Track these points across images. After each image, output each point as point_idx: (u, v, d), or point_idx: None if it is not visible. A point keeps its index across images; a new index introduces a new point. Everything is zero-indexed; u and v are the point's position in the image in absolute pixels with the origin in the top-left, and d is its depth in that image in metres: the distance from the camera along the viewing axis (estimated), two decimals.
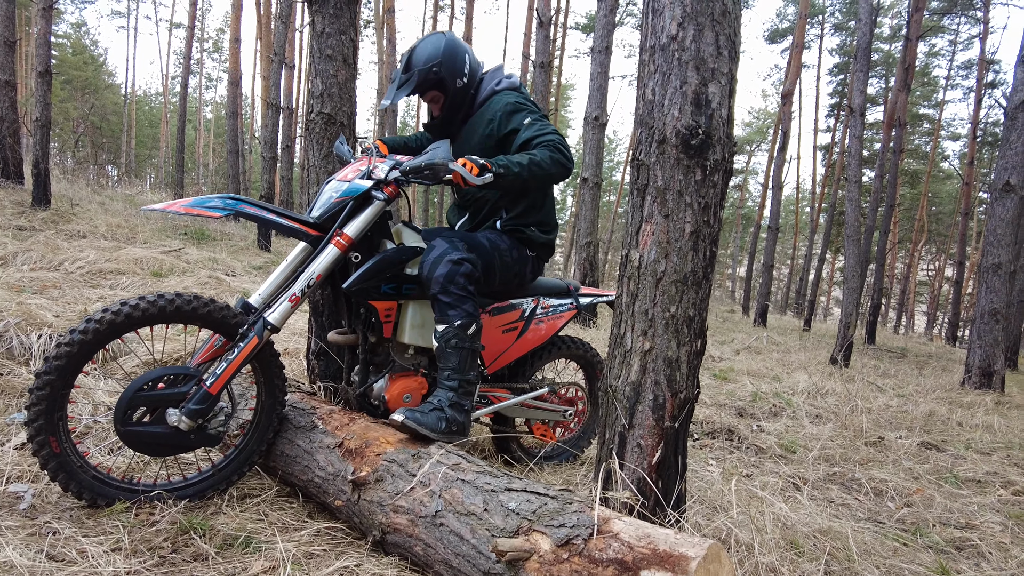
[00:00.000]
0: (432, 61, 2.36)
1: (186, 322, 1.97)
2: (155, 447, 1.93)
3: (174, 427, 1.91)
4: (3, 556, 1.53)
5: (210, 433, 2.00)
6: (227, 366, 1.96)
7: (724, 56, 1.64)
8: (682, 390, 1.68)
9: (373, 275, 2.17)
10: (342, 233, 2.13)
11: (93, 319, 1.81)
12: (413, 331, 2.33)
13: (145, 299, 1.87)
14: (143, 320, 1.87)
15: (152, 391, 1.90)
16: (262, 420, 2.15)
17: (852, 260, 7.92)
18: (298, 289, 2.06)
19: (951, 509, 2.99)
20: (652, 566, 1.35)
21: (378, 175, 2.20)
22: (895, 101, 13.12)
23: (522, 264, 2.52)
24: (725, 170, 1.68)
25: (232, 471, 2.10)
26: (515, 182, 2.18)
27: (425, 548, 1.70)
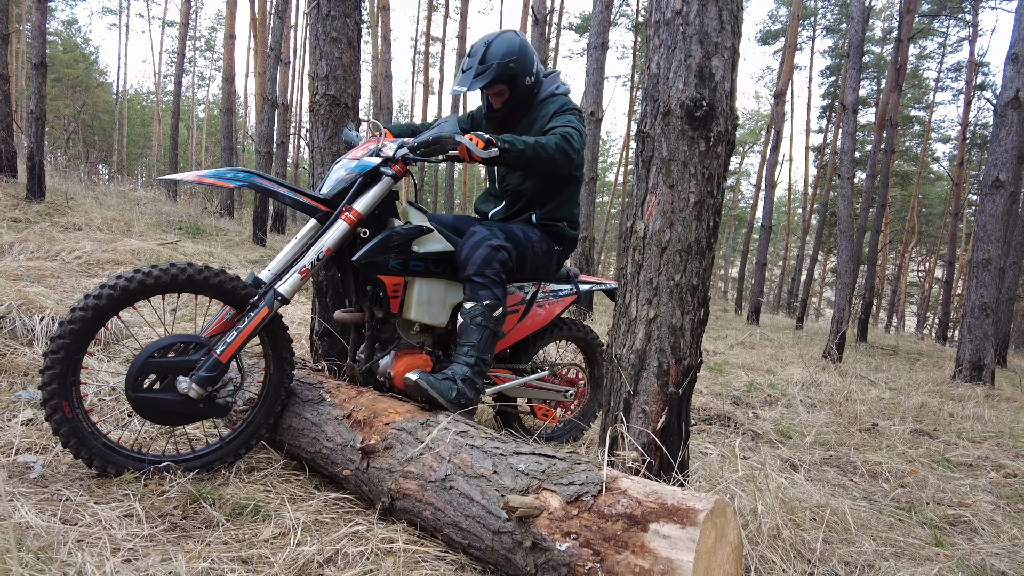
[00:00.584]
0: (509, 57, 2.46)
1: (197, 292, 1.97)
2: (164, 414, 1.95)
3: (184, 395, 1.92)
4: (20, 517, 1.55)
5: (219, 403, 2.02)
6: (237, 335, 1.97)
7: (727, 30, 1.68)
8: (686, 357, 1.72)
9: (382, 249, 2.22)
10: (351, 209, 2.17)
11: (107, 285, 1.82)
12: (419, 308, 2.36)
13: (157, 267, 1.89)
14: (155, 288, 1.89)
15: (163, 358, 1.92)
16: (270, 393, 2.17)
17: (845, 256, 8.00)
18: (308, 262, 2.10)
19: (944, 490, 3.04)
20: (661, 519, 1.39)
21: (386, 153, 2.25)
22: (886, 102, 13.26)
23: (550, 257, 2.63)
24: (728, 142, 1.72)
25: (240, 444, 2.12)
26: (519, 159, 2.23)
27: (435, 512, 1.73)
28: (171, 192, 15.35)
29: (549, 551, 1.47)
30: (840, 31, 25.29)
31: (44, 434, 2.15)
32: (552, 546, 1.47)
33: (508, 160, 2.22)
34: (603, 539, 1.42)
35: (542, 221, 2.62)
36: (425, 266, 2.36)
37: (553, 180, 2.58)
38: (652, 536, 1.38)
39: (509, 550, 1.55)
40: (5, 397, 2.46)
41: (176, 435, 2.29)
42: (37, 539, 1.43)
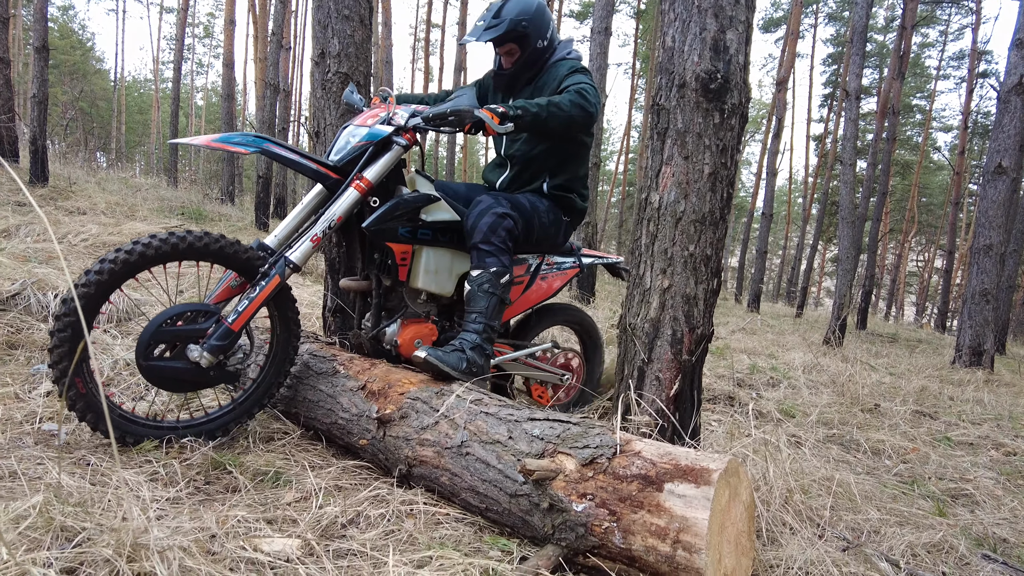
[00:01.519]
0: (524, 16, 2.45)
1: (200, 259, 1.96)
2: (175, 382, 1.96)
3: (195, 363, 1.94)
4: (51, 478, 1.59)
5: (229, 370, 2.04)
6: (249, 304, 1.99)
7: (742, 4, 1.71)
8: (699, 326, 1.75)
9: (391, 216, 2.24)
10: (362, 177, 2.18)
11: (107, 259, 1.82)
12: (426, 276, 2.38)
13: (157, 237, 1.88)
14: (159, 258, 1.88)
15: (173, 327, 1.93)
16: (279, 352, 2.18)
17: (847, 242, 8.03)
18: (319, 230, 2.12)
19: (945, 466, 3.09)
20: (675, 479, 1.43)
21: (398, 121, 2.25)
22: (888, 89, 13.24)
23: (557, 227, 2.61)
24: (741, 115, 1.75)
25: (252, 403, 2.14)
26: (534, 123, 2.20)
27: (451, 477, 1.77)
28: (171, 178, 15.33)
29: (566, 512, 1.51)
30: (842, 19, 25.18)
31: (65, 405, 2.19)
32: (569, 507, 1.51)
33: (524, 127, 2.20)
34: (619, 499, 1.46)
35: (553, 191, 2.60)
36: (433, 235, 2.38)
37: (561, 145, 2.55)
38: (667, 495, 1.42)
39: (526, 512, 1.59)
40: (24, 370, 2.50)
41: (189, 402, 2.31)
42: (71, 497, 1.47)
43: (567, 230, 2.71)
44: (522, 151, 2.60)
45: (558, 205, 2.61)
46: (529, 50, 2.52)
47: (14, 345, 2.71)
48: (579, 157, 2.62)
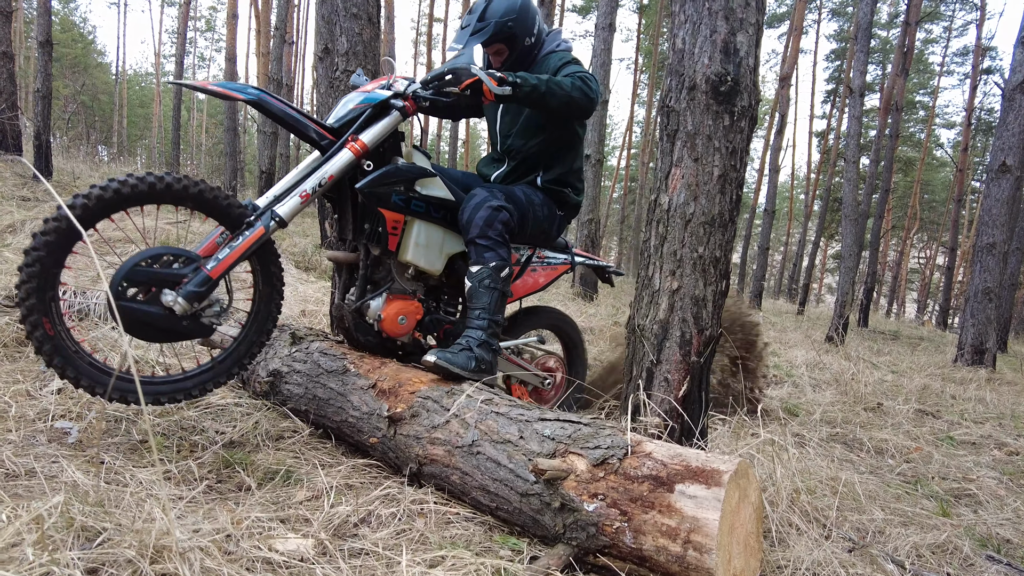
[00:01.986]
0: (509, 15, 2.41)
1: (183, 204, 1.87)
2: (146, 329, 1.85)
3: (168, 308, 1.83)
4: (67, 477, 1.61)
5: (203, 322, 1.94)
6: (230, 252, 1.90)
7: (752, 6, 1.71)
8: (708, 327, 1.76)
9: (386, 181, 2.19)
10: (357, 139, 2.13)
11: (81, 195, 1.71)
12: (416, 250, 2.34)
13: (135, 175, 1.78)
14: (135, 197, 1.77)
15: (150, 268, 1.82)
16: (261, 310, 2.12)
17: (849, 240, 8.03)
18: (309, 187, 2.06)
19: (948, 466, 3.11)
20: (686, 480, 1.45)
21: (397, 87, 2.22)
22: (892, 86, 13.21)
23: (551, 221, 2.59)
24: (751, 117, 1.76)
25: (233, 363, 2.07)
26: (533, 94, 2.17)
27: (462, 476, 1.78)
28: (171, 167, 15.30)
29: (577, 511, 1.53)
30: (846, 14, 25.10)
31: (78, 401, 2.20)
32: (580, 507, 1.53)
33: (521, 96, 2.16)
34: (630, 500, 1.48)
35: (547, 185, 2.57)
36: (426, 208, 2.34)
37: (556, 138, 2.53)
38: (678, 496, 1.43)
39: (537, 511, 1.61)
40: (35, 367, 2.51)
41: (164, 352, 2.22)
42: (88, 496, 1.48)
43: (561, 224, 2.69)
44: (518, 145, 2.57)
45: (552, 199, 2.59)
46: (518, 49, 2.49)
47: (24, 342, 2.73)
48: (573, 150, 2.60)
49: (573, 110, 2.28)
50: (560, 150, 2.56)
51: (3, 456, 1.68)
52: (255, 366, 2.55)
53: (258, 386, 2.47)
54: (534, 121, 2.49)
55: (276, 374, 2.43)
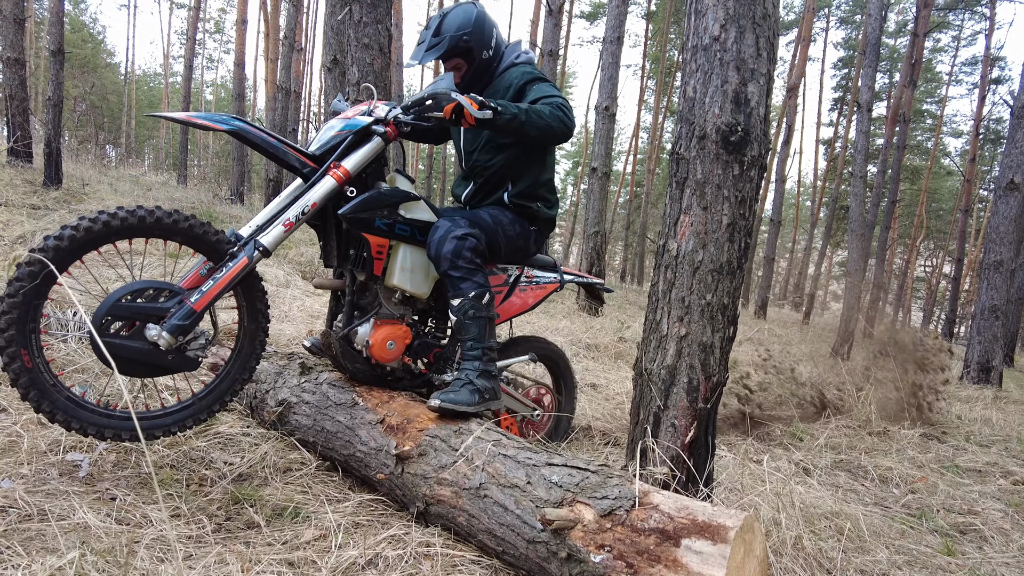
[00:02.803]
0: (463, 29, 2.40)
1: (167, 237, 1.88)
2: (131, 364, 1.82)
3: (153, 343, 1.82)
4: (79, 518, 1.62)
5: (188, 356, 1.92)
6: (214, 284, 1.89)
7: (763, 57, 1.72)
8: (715, 374, 1.77)
9: (369, 206, 2.19)
10: (339, 165, 2.13)
11: (69, 226, 1.72)
12: (402, 274, 2.33)
13: (124, 209, 1.79)
14: (124, 231, 1.78)
15: (133, 303, 1.81)
16: (244, 347, 2.10)
17: (855, 254, 8.02)
18: (292, 215, 2.06)
19: (954, 496, 3.11)
20: (692, 535, 1.46)
21: (378, 113, 2.23)
22: (900, 97, 13.19)
23: (525, 238, 2.56)
24: (761, 166, 1.77)
25: (213, 400, 2.05)
26: (512, 123, 2.15)
27: (469, 518, 1.80)
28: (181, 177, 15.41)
29: (584, 562, 1.54)
30: (854, 22, 25.05)
31: None
32: (587, 558, 1.54)
33: (501, 123, 2.15)
34: (636, 552, 1.49)
35: (514, 200, 2.52)
36: (411, 232, 2.32)
37: (523, 154, 2.50)
38: (684, 551, 1.44)
39: (544, 559, 1.62)
40: None
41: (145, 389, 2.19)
42: (99, 541, 1.50)
43: (538, 238, 2.64)
44: (483, 161, 2.54)
45: (522, 215, 2.55)
46: (476, 63, 2.47)
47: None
48: (541, 162, 2.56)
49: (550, 139, 2.28)
50: (526, 164, 2.52)
51: (17, 495, 1.70)
52: (264, 395, 2.57)
53: (267, 415, 2.49)
54: (499, 138, 2.45)
55: (285, 404, 2.45)
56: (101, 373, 2.53)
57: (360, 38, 2.70)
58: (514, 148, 2.48)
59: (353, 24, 2.71)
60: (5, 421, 2.25)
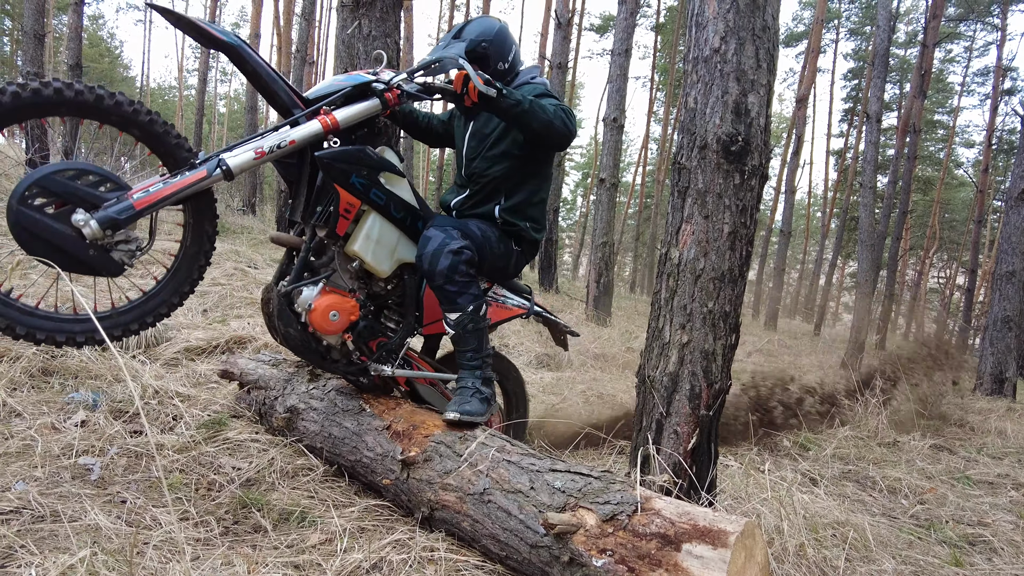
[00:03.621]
0: (484, 37, 2.41)
1: (125, 128, 1.74)
2: (45, 246, 1.63)
3: (76, 229, 1.64)
4: (90, 519, 1.66)
5: (112, 257, 1.73)
6: (163, 187, 1.73)
7: (763, 68, 1.75)
8: (717, 381, 1.79)
9: (349, 158, 2.06)
10: (330, 112, 2.02)
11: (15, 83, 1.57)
12: (366, 243, 2.18)
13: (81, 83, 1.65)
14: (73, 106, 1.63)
15: (68, 181, 1.64)
16: (181, 268, 1.93)
17: (865, 265, 7.99)
18: (267, 145, 1.91)
19: (964, 508, 3.08)
20: (693, 539, 1.47)
21: (383, 76, 2.14)
22: (910, 107, 13.15)
23: (507, 257, 2.49)
24: (761, 175, 1.79)
25: (133, 318, 1.86)
26: (515, 108, 2.12)
27: (473, 523, 1.81)
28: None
29: (586, 566, 1.55)
30: (864, 33, 25.03)
31: (100, 436, 2.27)
32: (588, 562, 1.55)
33: (504, 106, 2.11)
34: (638, 557, 1.50)
35: (505, 216, 2.46)
36: (386, 203, 2.21)
37: (521, 168, 2.46)
38: (685, 556, 1.45)
39: (546, 563, 1.63)
40: (59, 398, 2.59)
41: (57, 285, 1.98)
42: (109, 541, 1.53)
43: (519, 260, 2.56)
44: (482, 168, 2.48)
45: (508, 234, 2.49)
46: (490, 71, 2.42)
47: (48, 372, 2.81)
48: (538, 178, 2.51)
49: (550, 136, 2.24)
50: (524, 179, 2.49)
51: (30, 497, 1.74)
52: (273, 401, 2.60)
53: (275, 421, 2.52)
54: (501, 147, 2.44)
55: (293, 410, 2.48)
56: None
57: (369, 51, 2.75)
58: (514, 160, 2.45)
59: (362, 38, 2.77)
60: (20, 425, 2.30)
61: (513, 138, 2.41)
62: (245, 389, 2.83)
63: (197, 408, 2.72)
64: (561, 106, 2.29)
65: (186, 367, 3.27)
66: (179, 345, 3.45)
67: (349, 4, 2.85)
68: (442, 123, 2.77)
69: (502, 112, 2.16)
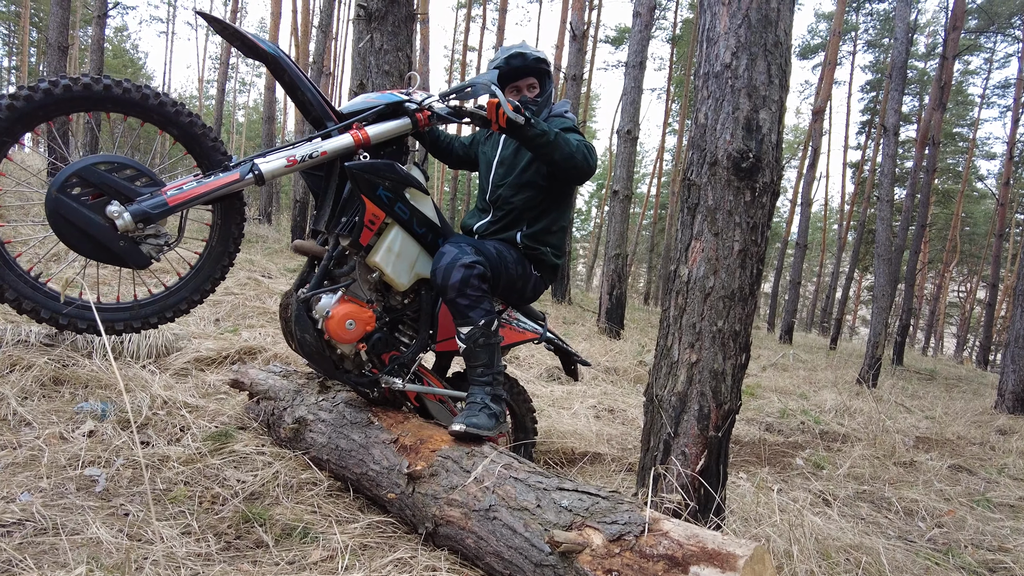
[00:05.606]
0: (543, 59, 2.53)
1: (164, 128, 1.80)
2: (78, 236, 1.69)
3: (110, 220, 1.70)
4: (91, 532, 1.65)
5: (141, 250, 1.78)
6: (197, 187, 1.79)
7: (775, 84, 1.72)
8: (726, 401, 1.75)
9: (378, 171, 2.10)
10: (362, 128, 2.08)
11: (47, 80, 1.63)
12: (387, 255, 2.22)
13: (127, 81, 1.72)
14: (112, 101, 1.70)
15: (106, 174, 1.70)
16: (205, 266, 1.98)
17: (882, 279, 7.87)
18: (299, 154, 1.97)
19: (983, 532, 3.00)
20: (701, 562, 1.43)
21: (416, 97, 2.20)
22: (929, 120, 13.01)
23: (525, 280, 2.50)
24: (773, 192, 1.76)
25: (152, 312, 1.91)
26: (540, 138, 2.16)
27: (477, 540, 1.79)
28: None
29: None
30: (882, 46, 24.85)
31: (106, 447, 2.27)
32: None
33: (531, 134, 2.15)
34: None
35: (526, 242, 2.48)
36: (410, 218, 2.25)
37: (546, 198, 2.49)
38: None
39: None
40: (68, 408, 2.60)
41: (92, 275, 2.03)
42: (108, 556, 1.53)
43: (537, 285, 2.57)
44: (507, 195, 2.50)
45: (528, 258, 2.50)
46: (546, 91, 2.55)
47: (60, 381, 2.83)
48: (560, 207, 2.54)
49: (573, 169, 2.28)
50: (548, 207, 2.51)
51: (34, 509, 1.74)
52: (282, 412, 2.59)
53: (283, 432, 2.52)
54: (528, 176, 2.46)
55: (301, 421, 2.47)
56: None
57: (380, 65, 2.76)
58: (539, 190, 2.48)
59: (374, 52, 2.78)
60: (29, 435, 2.31)
61: (539, 168, 2.45)
62: (254, 400, 2.83)
63: (205, 419, 2.73)
64: (584, 142, 2.32)
65: (196, 377, 3.28)
66: (189, 355, 3.46)
67: (364, 17, 2.87)
68: (463, 146, 2.81)
69: (527, 141, 2.20)
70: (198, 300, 1.99)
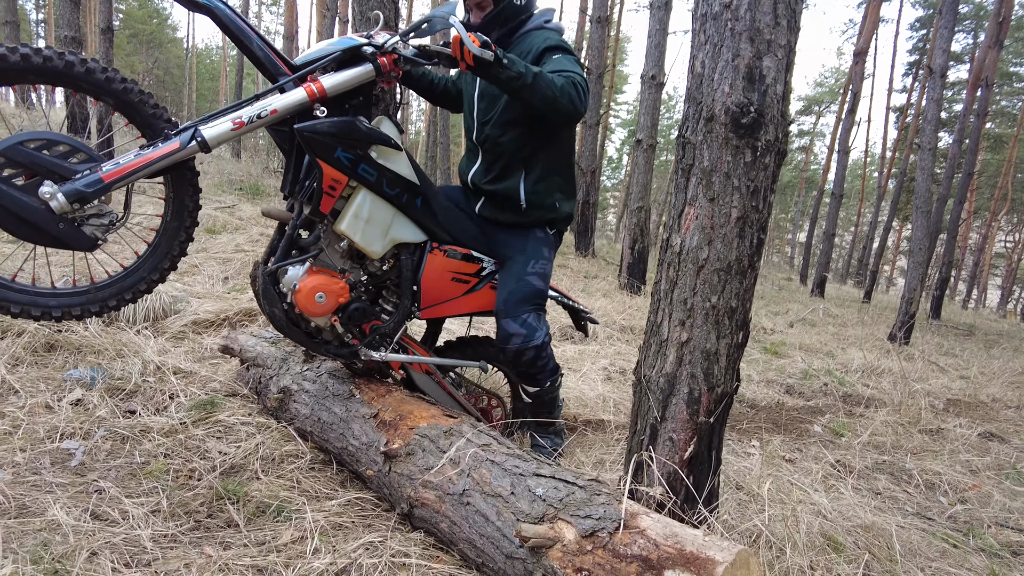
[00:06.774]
0: None
1: (99, 96, 1.66)
2: (12, 220, 1.58)
3: (43, 203, 1.59)
4: (51, 515, 1.61)
5: (84, 232, 1.67)
6: (134, 159, 1.65)
7: (782, 26, 1.50)
8: (719, 384, 1.60)
9: (334, 131, 1.88)
10: (316, 80, 1.86)
11: None
12: (355, 222, 2.02)
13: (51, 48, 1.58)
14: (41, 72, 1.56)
15: (35, 152, 1.58)
16: (161, 243, 1.86)
17: (920, 233, 7.48)
18: (247, 115, 1.78)
19: (1010, 509, 2.82)
20: (677, 567, 1.31)
21: (377, 41, 1.95)
22: (983, 59, 12.14)
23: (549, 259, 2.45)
24: (778, 151, 1.56)
25: (111, 295, 1.81)
26: (515, 81, 1.92)
27: (451, 525, 1.70)
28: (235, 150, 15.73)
29: None
30: None
31: (88, 418, 2.23)
32: None
33: (503, 76, 1.91)
34: None
35: (531, 198, 2.31)
36: (377, 179, 2.01)
37: (538, 134, 2.27)
38: None
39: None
40: (58, 375, 2.57)
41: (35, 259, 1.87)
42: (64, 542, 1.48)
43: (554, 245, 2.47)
44: (494, 135, 2.30)
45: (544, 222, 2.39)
46: (503, 3, 2.23)
47: (53, 347, 2.80)
48: (556, 142, 2.33)
49: (552, 114, 2.05)
50: (541, 145, 2.30)
51: (1, 486, 1.70)
52: (268, 380, 2.53)
53: (269, 401, 2.46)
54: (512, 113, 2.24)
55: (286, 391, 2.41)
56: None
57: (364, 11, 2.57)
58: (525, 128, 2.26)
59: None
60: (15, 404, 2.29)
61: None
62: (245, 366, 2.77)
63: (195, 386, 2.68)
64: (574, 79, 2.05)
65: (192, 341, 3.24)
66: (187, 318, 3.42)
67: None
68: (455, 85, 2.58)
69: (500, 83, 1.96)
70: (157, 279, 1.87)
